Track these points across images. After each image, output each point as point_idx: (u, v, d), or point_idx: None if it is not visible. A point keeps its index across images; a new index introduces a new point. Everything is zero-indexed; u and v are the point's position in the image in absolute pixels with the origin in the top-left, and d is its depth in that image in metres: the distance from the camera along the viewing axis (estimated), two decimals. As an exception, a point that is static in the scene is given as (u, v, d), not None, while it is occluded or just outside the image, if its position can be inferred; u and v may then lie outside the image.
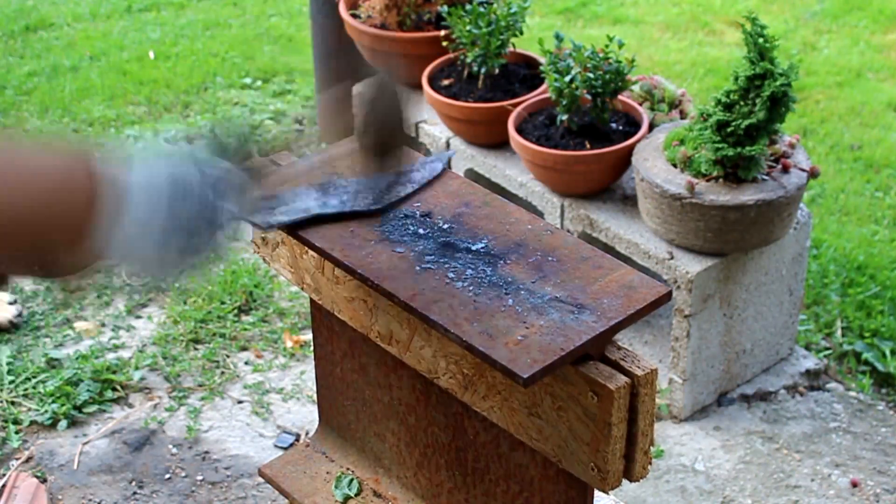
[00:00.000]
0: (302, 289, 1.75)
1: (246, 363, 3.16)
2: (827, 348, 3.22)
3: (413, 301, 1.56)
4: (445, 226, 1.64)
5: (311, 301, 1.84)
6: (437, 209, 1.66)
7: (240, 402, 3.04)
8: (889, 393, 3.10)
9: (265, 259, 1.79)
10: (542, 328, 1.54)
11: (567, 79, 2.90)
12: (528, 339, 1.53)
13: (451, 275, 1.59)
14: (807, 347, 3.20)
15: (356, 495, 1.86)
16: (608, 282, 1.60)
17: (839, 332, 3.28)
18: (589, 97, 2.94)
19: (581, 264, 1.62)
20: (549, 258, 1.62)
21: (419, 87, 3.41)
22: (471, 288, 1.58)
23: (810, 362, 3.12)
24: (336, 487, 1.86)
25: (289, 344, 3.21)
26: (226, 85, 4.50)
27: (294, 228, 1.59)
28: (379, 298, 1.67)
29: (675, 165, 2.81)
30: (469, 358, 1.65)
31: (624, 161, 2.96)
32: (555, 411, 1.62)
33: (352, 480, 1.88)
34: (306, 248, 1.69)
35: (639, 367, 1.59)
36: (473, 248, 1.63)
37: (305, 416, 2.99)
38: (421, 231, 1.63)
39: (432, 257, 1.60)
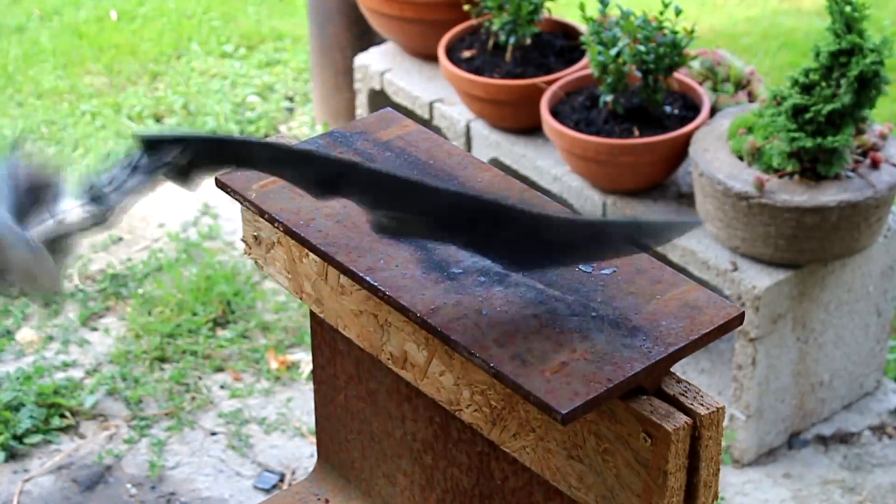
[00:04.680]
0: (301, 299, 1.76)
1: (221, 387, 3.17)
2: (920, 381, 3.23)
3: (432, 317, 1.56)
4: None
5: (312, 314, 1.85)
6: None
7: (213, 433, 3.05)
8: None
9: (258, 262, 1.80)
10: (587, 354, 1.55)
11: (613, 52, 2.91)
12: (569, 366, 1.55)
13: (478, 288, 1.59)
14: (896, 380, 3.21)
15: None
16: (668, 300, 1.61)
17: (935, 362, 3.28)
18: (639, 74, 2.95)
19: (636, 277, 1.62)
20: (598, 269, 1.63)
21: (434, 59, 3.42)
22: (503, 304, 1.58)
23: (900, 398, 3.14)
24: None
25: (273, 365, 3.21)
26: (202, 53, 4.50)
27: None
28: (392, 313, 1.67)
29: (741, 158, 2.84)
30: (498, 388, 1.65)
31: (680, 152, 2.97)
32: (599, 455, 1.63)
33: None
34: (307, 251, 1.70)
35: (702, 405, 1.60)
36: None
37: (292, 451, 3.00)
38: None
39: (457, 265, 1.61)
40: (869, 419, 3.09)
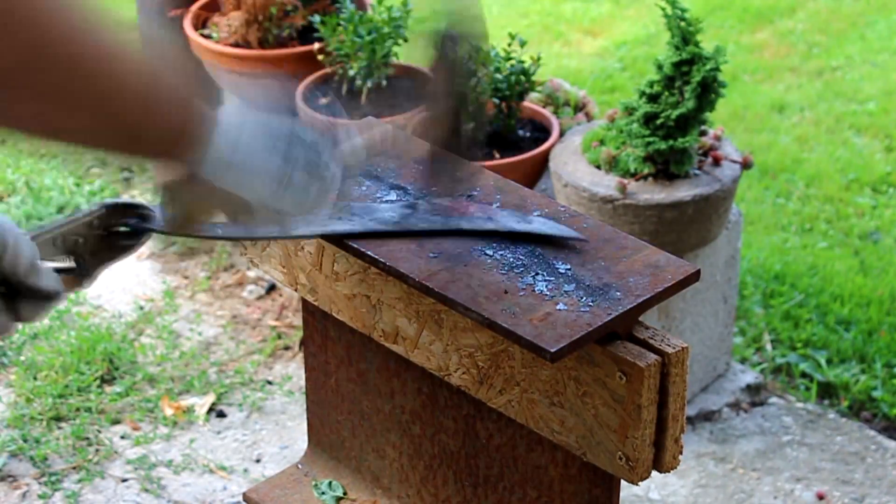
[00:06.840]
0: (295, 290, 1.91)
1: (122, 437, 3.25)
2: (759, 363, 3.53)
3: (429, 281, 1.74)
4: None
5: (304, 305, 2.00)
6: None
7: (124, 479, 3.13)
8: (835, 402, 3.43)
9: (253, 261, 1.95)
10: (567, 306, 1.75)
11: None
12: (554, 315, 1.74)
13: (467, 258, 1.79)
14: (741, 362, 3.50)
15: (345, 494, 2.04)
16: (633, 261, 1.83)
17: (769, 346, 3.60)
18: (495, 102, 3.18)
19: (604, 245, 1.84)
20: (571, 240, 1.84)
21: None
22: (490, 270, 1.78)
23: (749, 377, 3.42)
24: (322, 494, 2.03)
25: (169, 412, 3.31)
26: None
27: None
28: (383, 293, 1.85)
29: (598, 167, 3.07)
30: (485, 349, 1.84)
31: (538, 169, 3.20)
32: (579, 398, 1.81)
33: (330, 483, 2.05)
34: (301, 245, 1.86)
35: (669, 346, 1.81)
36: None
37: (205, 487, 3.10)
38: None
39: (448, 242, 1.80)
40: (725, 398, 3.37)
